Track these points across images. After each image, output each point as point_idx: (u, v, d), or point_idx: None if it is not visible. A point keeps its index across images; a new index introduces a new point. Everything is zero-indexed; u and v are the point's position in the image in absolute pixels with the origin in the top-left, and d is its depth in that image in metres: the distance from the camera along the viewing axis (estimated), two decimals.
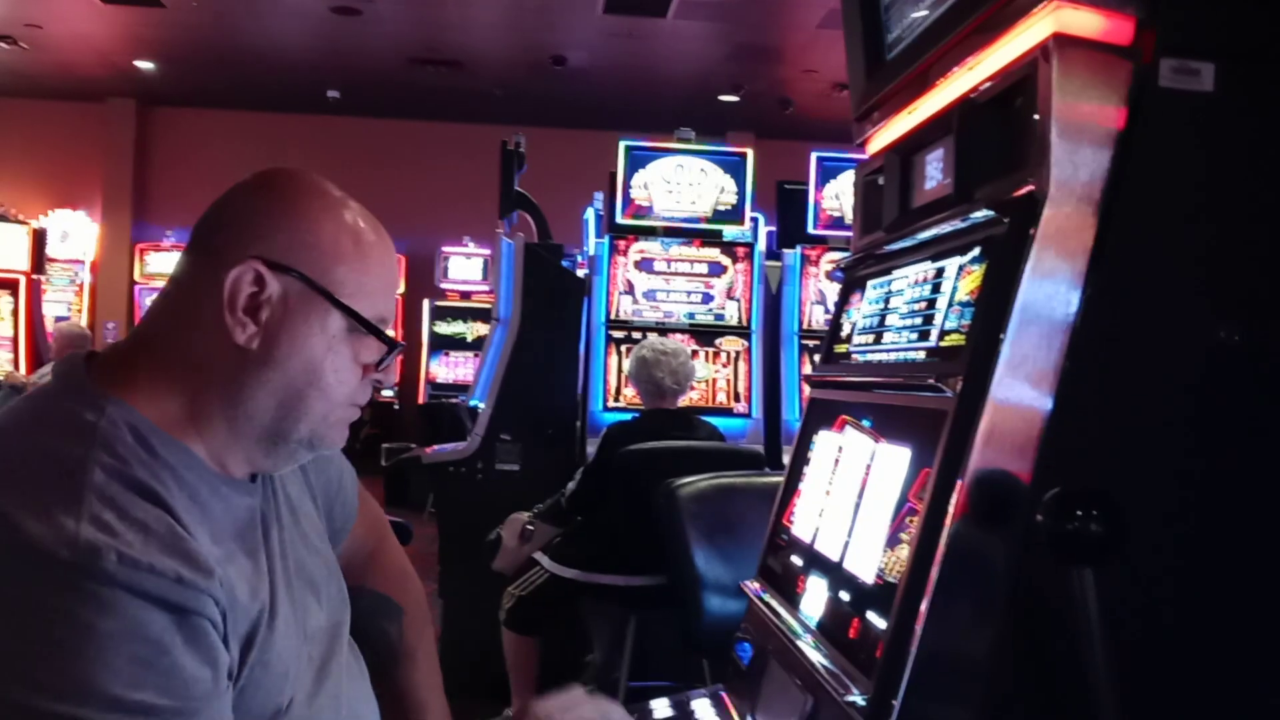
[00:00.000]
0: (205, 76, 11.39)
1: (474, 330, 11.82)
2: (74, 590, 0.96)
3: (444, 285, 12.27)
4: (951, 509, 1.11)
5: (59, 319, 10.57)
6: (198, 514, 1.09)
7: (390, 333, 1.19)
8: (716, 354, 5.25)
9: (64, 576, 0.96)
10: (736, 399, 5.23)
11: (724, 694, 1.67)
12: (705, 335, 5.25)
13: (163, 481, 1.06)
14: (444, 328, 12.14)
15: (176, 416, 1.12)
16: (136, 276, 12.41)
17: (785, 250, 5.54)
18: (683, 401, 4.23)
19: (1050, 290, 1.13)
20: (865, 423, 1.46)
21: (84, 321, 11.52)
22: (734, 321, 5.29)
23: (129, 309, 12.47)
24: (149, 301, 12.20)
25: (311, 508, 1.35)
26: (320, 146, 12.04)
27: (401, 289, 12.26)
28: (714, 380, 5.23)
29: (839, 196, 5.63)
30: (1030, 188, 1.16)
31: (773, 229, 6.23)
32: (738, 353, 5.26)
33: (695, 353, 4.99)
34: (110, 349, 1.19)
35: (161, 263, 12.14)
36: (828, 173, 5.61)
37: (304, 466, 1.35)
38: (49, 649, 0.95)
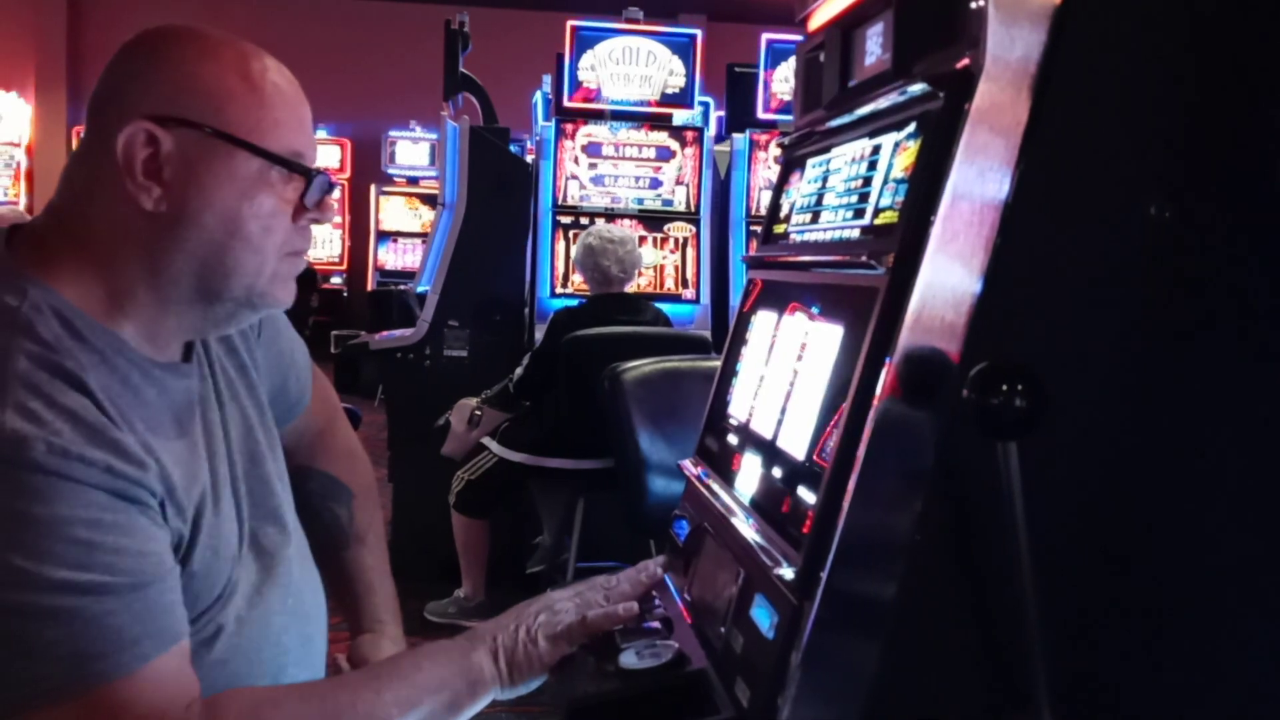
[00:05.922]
0: None
1: (422, 216, 11.65)
2: (4, 481, 0.95)
3: (391, 171, 12.06)
4: (880, 386, 1.12)
5: None
6: (130, 399, 1.07)
7: (313, 166, 1.14)
8: (665, 240, 5.22)
9: None
10: (684, 285, 5.23)
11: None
12: (653, 221, 5.22)
13: (90, 368, 1.04)
14: (391, 213, 11.96)
15: (101, 299, 1.09)
16: None
17: (734, 135, 5.47)
18: (630, 288, 4.23)
19: (983, 166, 1.12)
20: (801, 302, 1.46)
21: (22, 206, 11.22)
22: (682, 207, 5.25)
23: None
24: None
25: (255, 385, 1.32)
26: (261, 26, 11.63)
27: (348, 174, 12.15)
28: (662, 266, 5.21)
29: (789, 80, 5.55)
30: (966, 62, 1.15)
31: (722, 114, 6.15)
32: (686, 238, 5.23)
33: (643, 238, 4.97)
34: (28, 228, 1.14)
35: None
36: (778, 56, 5.52)
37: (248, 344, 1.32)
38: None
